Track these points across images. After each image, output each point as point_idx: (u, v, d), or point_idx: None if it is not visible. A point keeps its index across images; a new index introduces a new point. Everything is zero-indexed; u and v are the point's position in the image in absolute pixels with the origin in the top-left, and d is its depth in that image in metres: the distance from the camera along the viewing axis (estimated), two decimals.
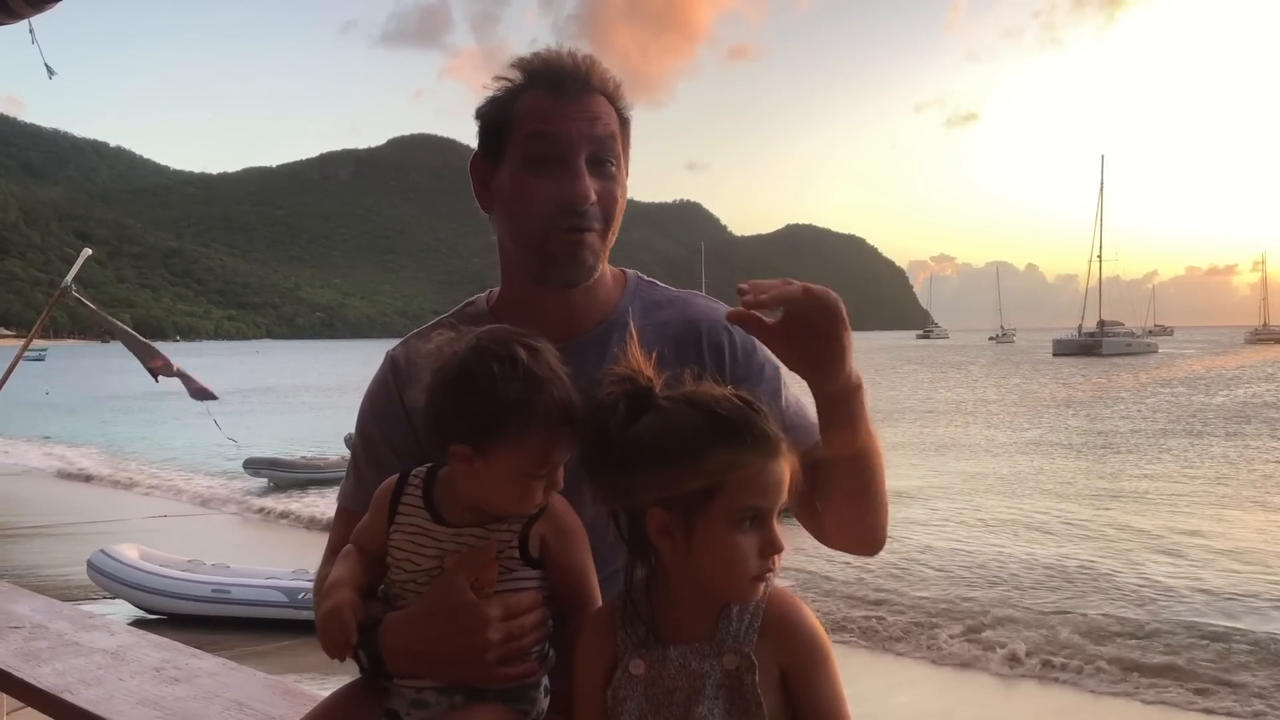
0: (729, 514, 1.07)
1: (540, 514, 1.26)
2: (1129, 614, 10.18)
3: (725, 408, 1.11)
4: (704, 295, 1.58)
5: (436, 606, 1.23)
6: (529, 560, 1.25)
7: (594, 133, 1.39)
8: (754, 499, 1.08)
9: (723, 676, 1.09)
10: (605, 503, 1.16)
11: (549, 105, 1.39)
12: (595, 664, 1.16)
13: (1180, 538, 14.00)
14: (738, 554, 1.07)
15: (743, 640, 1.10)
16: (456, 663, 1.22)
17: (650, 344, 1.46)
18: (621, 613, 1.17)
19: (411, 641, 1.23)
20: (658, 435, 1.10)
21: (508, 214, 1.44)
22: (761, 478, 1.08)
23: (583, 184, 1.37)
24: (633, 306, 1.52)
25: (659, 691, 1.11)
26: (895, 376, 57.64)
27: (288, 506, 17.44)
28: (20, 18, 2.55)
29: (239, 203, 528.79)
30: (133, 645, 2.56)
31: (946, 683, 8.70)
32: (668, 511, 1.09)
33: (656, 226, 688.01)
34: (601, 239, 1.42)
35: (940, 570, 12.15)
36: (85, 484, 21.15)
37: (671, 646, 1.12)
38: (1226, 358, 79.02)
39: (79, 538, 14.69)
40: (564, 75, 1.40)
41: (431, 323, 1.61)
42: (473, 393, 1.20)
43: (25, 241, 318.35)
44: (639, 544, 1.15)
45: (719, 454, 1.07)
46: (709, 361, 1.44)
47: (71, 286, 4.98)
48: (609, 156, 1.41)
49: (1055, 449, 24.63)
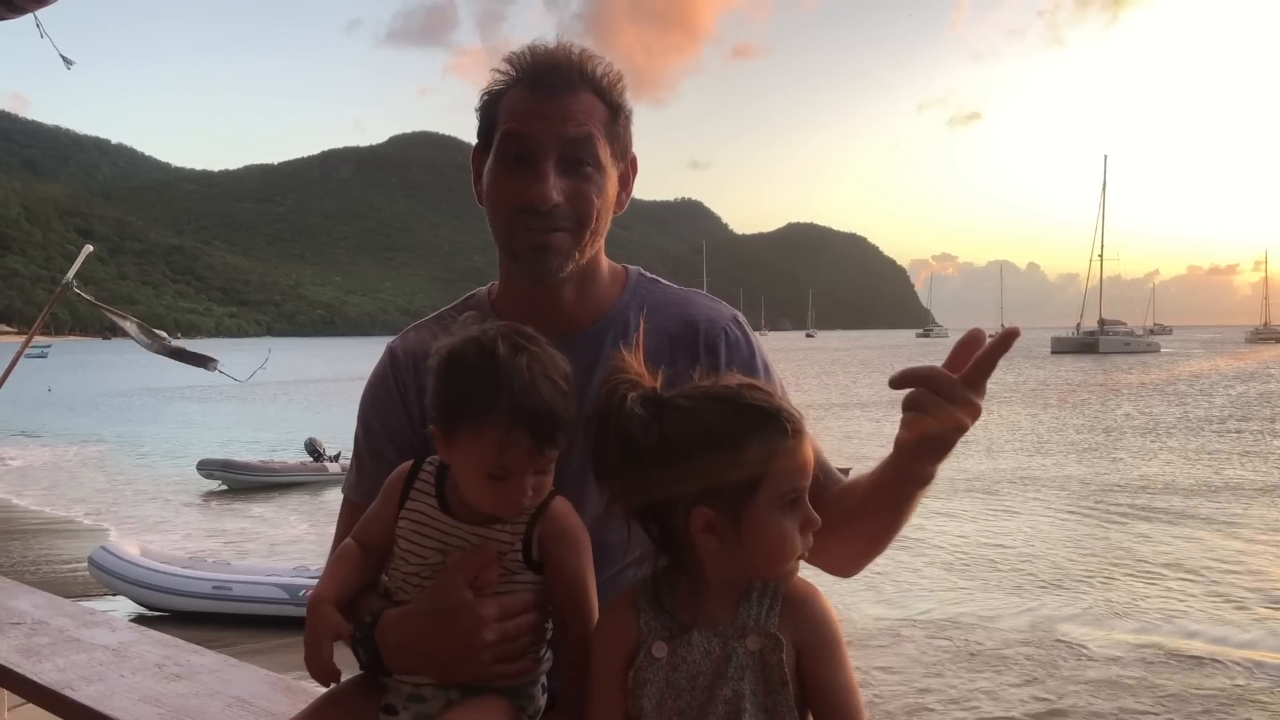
0: (774, 500, 1.09)
1: (541, 514, 1.25)
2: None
3: (751, 398, 1.13)
4: (706, 295, 1.57)
5: (434, 605, 1.23)
6: (531, 563, 1.25)
7: (566, 133, 1.37)
8: (795, 481, 1.11)
9: (746, 658, 1.10)
10: (631, 505, 1.16)
11: (525, 104, 1.39)
12: (615, 648, 1.16)
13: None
14: (785, 537, 1.10)
15: (764, 622, 1.12)
16: (452, 661, 1.22)
17: (648, 342, 1.46)
18: (644, 598, 1.17)
19: (408, 639, 1.24)
20: (691, 433, 1.11)
21: (487, 208, 1.46)
22: (798, 459, 1.11)
23: (544, 186, 1.36)
24: (632, 304, 1.52)
25: (681, 676, 1.12)
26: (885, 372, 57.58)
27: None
28: (23, 12, 2.55)
29: (240, 200, 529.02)
30: (134, 642, 2.56)
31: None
32: (712, 508, 1.10)
33: (657, 224, 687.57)
34: (574, 237, 1.40)
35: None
36: (87, 481, 21.15)
37: (695, 630, 1.13)
38: (1227, 358, 78.85)
39: (80, 534, 14.72)
40: (545, 72, 1.39)
41: (433, 315, 1.62)
42: (448, 378, 1.22)
43: (26, 238, 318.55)
44: (670, 543, 1.15)
45: (758, 443, 1.09)
46: (705, 361, 1.43)
47: (73, 283, 4.97)
48: (584, 156, 1.39)
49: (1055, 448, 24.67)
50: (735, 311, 1.54)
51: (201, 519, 16.67)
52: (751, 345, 1.50)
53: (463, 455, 1.22)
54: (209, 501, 18.24)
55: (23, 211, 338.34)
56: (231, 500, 18.15)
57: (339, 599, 1.32)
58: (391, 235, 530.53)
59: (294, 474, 19.01)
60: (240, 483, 18.87)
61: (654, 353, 1.44)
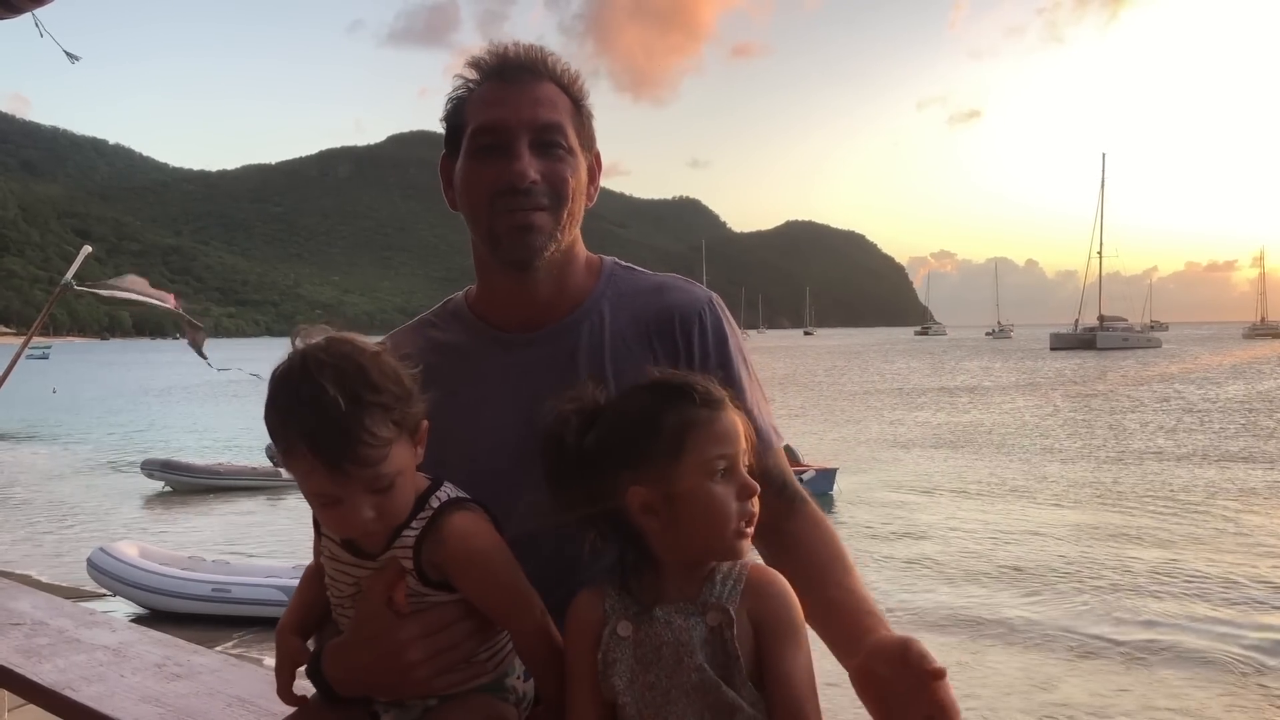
0: (701, 467, 1.12)
1: (427, 537, 1.20)
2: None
3: (665, 377, 1.20)
4: (683, 279, 1.57)
5: (358, 635, 1.23)
6: (431, 583, 1.21)
7: (536, 116, 1.39)
8: (719, 447, 1.13)
9: (707, 633, 1.12)
10: (581, 510, 1.18)
11: (493, 94, 1.41)
12: (584, 635, 1.18)
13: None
14: (718, 504, 1.12)
15: (726, 600, 1.13)
16: (391, 683, 1.23)
17: (624, 333, 1.46)
18: (610, 585, 1.19)
19: (346, 669, 1.24)
20: (615, 424, 1.17)
21: (462, 205, 1.46)
22: (718, 426, 1.14)
23: (520, 163, 1.37)
24: (606, 295, 1.51)
25: (647, 650, 1.13)
26: (882, 369, 57.95)
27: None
28: (20, 12, 2.53)
29: (238, 200, 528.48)
30: (134, 642, 2.56)
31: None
32: (644, 486, 1.13)
33: (655, 223, 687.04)
34: (554, 216, 1.40)
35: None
36: (89, 482, 21.13)
37: (657, 607, 1.15)
38: (1226, 354, 78.89)
39: (81, 535, 14.71)
40: (508, 63, 1.43)
41: (413, 321, 1.62)
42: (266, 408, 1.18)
43: (24, 239, 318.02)
44: (623, 538, 1.18)
45: (672, 415, 1.14)
46: (682, 348, 1.44)
47: (71, 284, 4.97)
48: (555, 138, 1.40)
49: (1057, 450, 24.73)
50: (711, 294, 1.53)
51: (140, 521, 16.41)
52: (725, 331, 1.49)
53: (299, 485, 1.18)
54: (152, 506, 17.82)
55: (20, 212, 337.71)
56: (170, 503, 17.78)
57: (303, 624, 1.34)
58: (389, 235, 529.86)
59: (241, 478, 18.47)
60: (183, 484, 18.49)
61: (631, 341, 1.45)
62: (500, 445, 1.40)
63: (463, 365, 1.48)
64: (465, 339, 1.52)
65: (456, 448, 1.34)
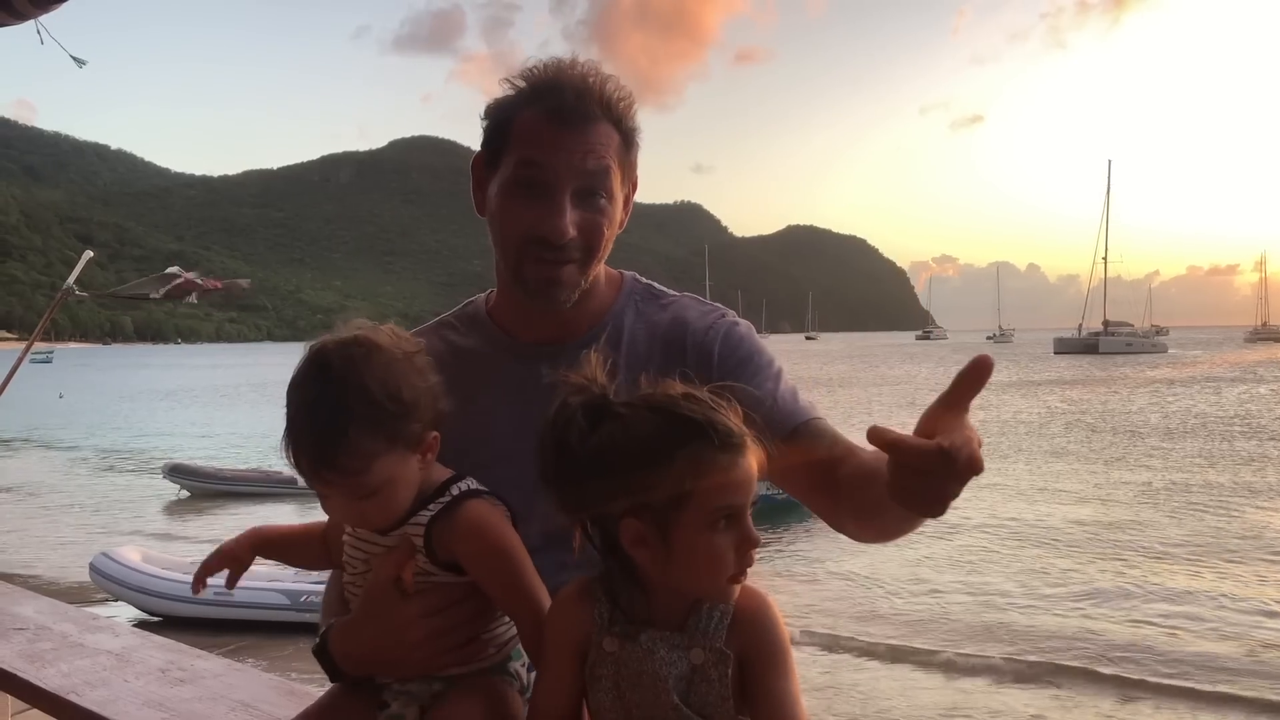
0: (704, 516, 1.05)
1: (442, 519, 1.22)
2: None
3: (685, 408, 1.07)
4: (700, 299, 1.57)
5: (365, 611, 1.27)
6: (441, 564, 1.24)
7: (585, 166, 1.36)
8: (728, 498, 1.05)
9: (688, 670, 1.09)
10: (572, 515, 1.14)
11: (544, 132, 1.36)
12: (568, 634, 1.16)
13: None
14: (716, 555, 1.06)
15: (712, 635, 1.10)
16: (394, 660, 1.26)
17: (641, 347, 1.47)
18: (600, 589, 1.16)
19: (352, 647, 1.28)
20: (621, 443, 1.07)
21: (493, 229, 1.45)
22: (732, 475, 1.05)
23: (562, 220, 1.35)
24: (626, 309, 1.52)
25: (629, 673, 1.12)
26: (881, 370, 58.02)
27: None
28: (25, 18, 2.53)
29: (240, 205, 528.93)
30: (137, 646, 2.56)
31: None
32: (640, 521, 1.07)
33: (657, 227, 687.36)
34: (581, 269, 1.41)
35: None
36: (95, 486, 21.13)
37: (643, 631, 1.12)
38: (1231, 357, 78.79)
39: (82, 538, 14.71)
40: (566, 100, 1.36)
41: (433, 321, 1.63)
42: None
43: (27, 244, 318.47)
44: (612, 553, 1.13)
45: (686, 457, 1.04)
46: (694, 362, 1.41)
47: (73, 288, 4.97)
48: (599, 189, 1.38)
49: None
50: (729, 311, 1.53)
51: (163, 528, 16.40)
52: (739, 335, 1.48)
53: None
54: (171, 511, 17.75)
55: (22, 218, 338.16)
56: (183, 508, 17.73)
57: (270, 543, 1.45)
58: (391, 240, 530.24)
59: (260, 484, 18.31)
60: (202, 489, 18.44)
61: (644, 355, 1.45)
62: (513, 454, 1.39)
63: (480, 373, 1.49)
64: (484, 346, 1.54)
65: (470, 455, 1.35)
